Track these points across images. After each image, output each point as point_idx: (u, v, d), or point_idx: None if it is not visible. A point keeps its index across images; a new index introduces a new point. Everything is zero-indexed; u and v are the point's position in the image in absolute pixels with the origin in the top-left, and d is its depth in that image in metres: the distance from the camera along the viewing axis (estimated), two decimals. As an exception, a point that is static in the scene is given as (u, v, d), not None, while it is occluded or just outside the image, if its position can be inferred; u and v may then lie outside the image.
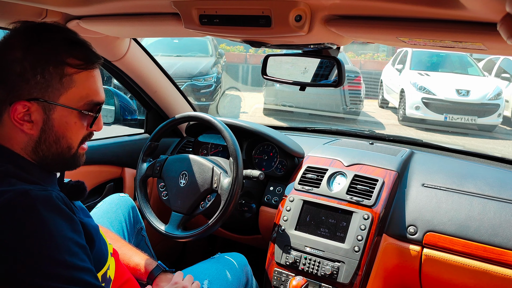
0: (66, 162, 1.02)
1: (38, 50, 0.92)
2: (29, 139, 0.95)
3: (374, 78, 10.97)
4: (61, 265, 0.85)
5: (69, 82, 0.95)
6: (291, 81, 1.53)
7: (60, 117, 0.96)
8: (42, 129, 0.95)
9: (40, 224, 0.84)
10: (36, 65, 0.92)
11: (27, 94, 0.92)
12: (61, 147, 0.98)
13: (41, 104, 0.93)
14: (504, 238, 1.46)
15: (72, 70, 0.95)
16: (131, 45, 1.92)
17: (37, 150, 0.96)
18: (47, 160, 0.98)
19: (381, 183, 1.68)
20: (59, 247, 0.85)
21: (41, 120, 0.94)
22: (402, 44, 1.14)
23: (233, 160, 1.60)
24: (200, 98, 8.10)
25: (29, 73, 0.91)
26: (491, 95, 8.10)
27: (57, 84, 0.93)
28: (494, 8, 0.75)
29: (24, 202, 0.85)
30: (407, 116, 8.36)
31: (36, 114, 0.93)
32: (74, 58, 0.95)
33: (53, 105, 0.94)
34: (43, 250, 0.84)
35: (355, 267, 1.54)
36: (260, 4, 1.04)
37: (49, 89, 0.93)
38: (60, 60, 0.94)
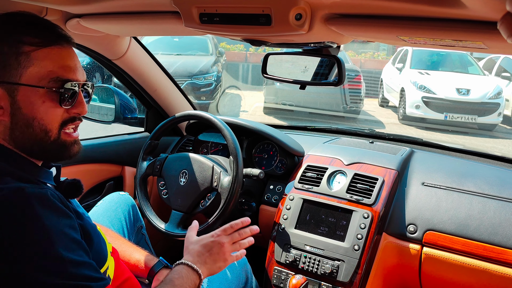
0: (49, 150, 0.98)
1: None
2: (4, 127, 0.94)
3: (374, 77, 10.97)
4: (59, 261, 0.84)
5: (28, 61, 0.92)
6: (291, 80, 1.53)
7: (25, 97, 0.93)
8: (12, 113, 0.93)
9: (35, 221, 0.84)
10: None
11: None
12: (34, 131, 0.94)
13: (4, 87, 0.91)
14: (504, 237, 1.46)
15: (29, 48, 0.92)
16: (131, 44, 1.92)
17: (12, 137, 0.94)
18: (27, 147, 0.96)
19: (381, 181, 1.68)
20: (55, 243, 0.85)
21: (8, 103, 0.92)
22: (403, 43, 1.14)
23: (233, 158, 1.60)
24: (200, 97, 8.10)
25: None
26: (491, 94, 8.10)
27: (14, 63, 0.91)
28: (494, 7, 0.75)
29: (19, 199, 0.84)
30: (407, 115, 8.36)
31: (2, 98, 0.92)
32: (31, 36, 0.93)
33: (15, 85, 0.92)
34: (39, 247, 0.83)
35: (355, 265, 1.54)
36: (260, 2, 1.04)
37: (7, 69, 0.91)
38: (15, 38, 0.92)
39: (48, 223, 0.85)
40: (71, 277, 0.84)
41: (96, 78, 7.79)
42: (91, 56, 1.93)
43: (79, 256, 0.88)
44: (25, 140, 0.95)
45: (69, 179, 1.08)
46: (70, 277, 0.84)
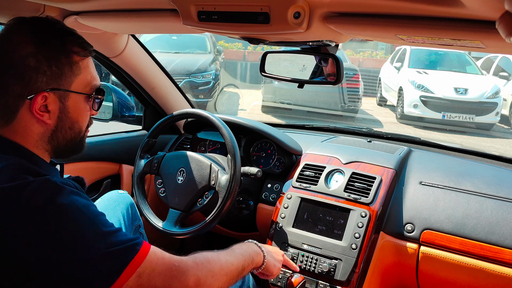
0: (75, 147, 1.08)
1: (49, 42, 0.97)
2: (45, 130, 0.99)
3: (372, 76, 10.97)
4: (100, 235, 0.89)
5: (77, 69, 1.01)
6: (290, 78, 1.53)
7: (74, 103, 1.02)
8: (59, 117, 1.00)
9: (70, 203, 0.88)
10: (50, 56, 0.96)
11: (45, 85, 0.96)
12: (74, 132, 1.04)
13: (57, 94, 0.98)
14: (500, 236, 1.46)
15: (78, 58, 1.01)
16: (129, 42, 1.91)
17: (52, 139, 1.01)
18: (61, 147, 1.03)
19: (379, 180, 1.68)
20: (92, 220, 0.90)
21: (58, 108, 0.99)
22: (401, 41, 1.14)
23: (231, 157, 1.60)
24: (198, 95, 8.09)
25: (44, 65, 0.95)
26: (489, 94, 8.12)
27: (68, 72, 0.99)
28: (492, 6, 0.75)
29: (51, 186, 0.89)
30: (405, 114, 8.37)
31: (53, 104, 0.98)
32: (77, 46, 1.01)
33: (68, 92, 1.00)
34: (80, 226, 0.88)
35: (352, 264, 1.55)
36: (258, 0, 1.04)
37: (63, 77, 0.98)
38: (68, 49, 0.99)
39: (81, 204, 0.90)
40: (116, 244, 0.90)
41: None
42: (89, 53, 1.92)
43: (112, 226, 0.93)
44: (63, 140, 1.03)
45: (73, 176, 1.11)
46: (115, 245, 0.89)
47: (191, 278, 0.98)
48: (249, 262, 1.25)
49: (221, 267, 1.09)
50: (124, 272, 0.88)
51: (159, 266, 0.94)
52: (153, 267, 0.93)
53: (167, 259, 0.98)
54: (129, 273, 0.89)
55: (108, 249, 0.88)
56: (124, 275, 0.88)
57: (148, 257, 0.93)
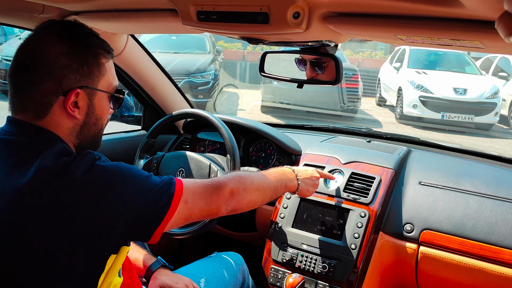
0: (96, 143, 1.16)
1: (79, 43, 1.04)
2: (75, 124, 1.06)
3: (371, 76, 10.97)
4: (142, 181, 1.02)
5: (103, 70, 1.07)
6: (289, 79, 1.53)
7: (99, 100, 1.08)
8: (87, 113, 1.07)
9: (109, 164, 1.01)
10: (81, 56, 1.03)
11: (77, 83, 1.02)
12: (98, 128, 1.12)
13: (86, 91, 1.04)
14: (500, 236, 1.47)
15: (104, 59, 1.08)
16: (128, 42, 1.91)
17: (80, 133, 1.08)
18: (85, 142, 1.10)
19: (378, 181, 1.68)
20: (130, 171, 1.02)
21: (86, 105, 1.06)
22: (400, 42, 1.14)
23: (230, 157, 1.60)
24: (197, 95, 8.09)
25: (76, 64, 1.01)
26: (488, 94, 8.12)
27: (97, 72, 1.06)
28: (492, 6, 0.75)
29: (91, 156, 0.99)
30: (405, 114, 8.37)
31: (82, 100, 1.04)
32: (104, 50, 1.08)
33: (95, 90, 1.06)
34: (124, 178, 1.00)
35: (351, 264, 1.55)
36: (258, 1, 1.04)
37: (92, 76, 1.05)
38: (96, 51, 1.06)
39: (116, 163, 1.04)
40: (157, 184, 1.03)
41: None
42: (88, 53, 1.92)
43: (146, 172, 1.05)
44: (89, 135, 1.10)
45: None
46: (156, 184, 1.03)
47: (226, 189, 1.14)
48: (282, 186, 1.37)
49: (252, 182, 1.24)
50: (173, 202, 1.02)
51: (197, 189, 1.10)
52: (193, 192, 1.08)
53: (200, 183, 1.13)
54: (176, 202, 1.03)
55: (153, 189, 1.01)
56: (173, 204, 1.02)
57: (185, 186, 1.07)
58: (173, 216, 1.03)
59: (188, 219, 1.08)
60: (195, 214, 1.10)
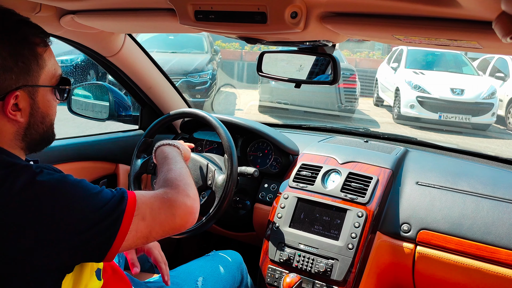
0: (48, 138, 1.05)
1: (9, 36, 0.91)
2: (18, 128, 0.96)
3: (369, 76, 11.00)
4: (87, 199, 0.90)
5: (42, 62, 0.96)
6: (287, 78, 1.53)
7: (43, 97, 0.98)
8: (30, 113, 0.96)
9: (51, 179, 0.88)
10: (13, 51, 0.91)
11: (14, 83, 0.91)
12: (45, 125, 1.01)
13: (26, 90, 0.93)
14: (496, 236, 1.47)
15: (41, 49, 0.95)
16: (126, 41, 1.90)
17: (26, 136, 0.97)
18: (34, 142, 1.00)
19: (376, 180, 1.68)
20: (75, 188, 0.91)
21: (28, 105, 0.95)
22: (398, 42, 1.14)
23: (228, 157, 1.60)
24: (195, 95, 8.08)
25: (10, 62, 0.90)
26: (485, 94, 8.15)
27: (35, 66, 0.94)
28: (489, 7, 0.76)
29: (30, 169, 0.89)
30: (402, 114, 8.39)
31: (23, 101, 0.94)
32: (37, 37, 0.95)
33: (36, 87, 0.95)
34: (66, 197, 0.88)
35: (348, 264, 1.55)
36: (255, 0, 1.04)
37: (30, 72, 0.94)
38: (30, 41, 0.94)
39: (60, 177, 0.91)
40: (105, 200, 0.92)
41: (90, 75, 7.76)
42: (85, 53, 1.92)
43: (95, 188, 0.94)
44: (36, 135, 0.99)
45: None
46: (105, 201, 0.92)
47: (184, 199, 1.03)
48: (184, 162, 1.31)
49: (186, 182, 1.12)
50: (124, 219, 0.91)
51: (153, 203, 0.98)
52: (150, 206, 0.97)
53: (154, 195, 1.01)
54: (129, 219, 0.92)
55: (102, 206, 0.90)
56: (125, 222, 0.91)
57: (140, 201, 0.96)
58: (127, 234, 0.92)
59: (148, 237, 0.96)
60: (156, 231, 0.98)
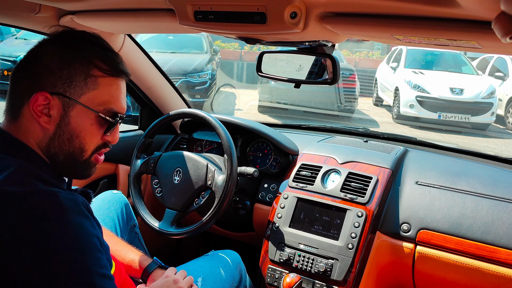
0: (76, 167, 1.00)
1: (69, 45, 0.95)
2: (44, 134, 0.95)
3: (368, 76, 11.00)
4: (86, 273, 0.84)
5: (93, 84, 0.96)
6: (286, 78, 1.53)
7: (78, 115, 0.95)
8: (58, 124, 0.95)
9: (68, 230, 0.84)
10: (64, 58, 0.93)
11: (51, 87, 0.92)
12: (73, 146, 0.97)
13: (61, 99, 0.93)
14: (496, 236, 1.47)
15: (98, 73, 0.96)
16: (125, 41, 1.90)
17: (49, 146, 0.95)
18: (59, 159, 0.97)
19: (375, 180, 1.68)
20: (85, 254, 0.85)
21: (59, 115, 0.94)
22: (397, 42, 1.14)
23: (228, 157, 1.60)
24: (194, 95, 8.08)
25: (56, 65, 0.92)
26: (485, 94, 8.15)
27: (81, 82, 0.94)
28: (488, 7, 0.76)
29: (54, 205, 0.84)
30: (401, 114, 8.39)
31: (55, 108, 0.93)
32: (102, 62, 0.97)
33: (73, 102, 0.94)
34: (70, 257, 0.83)
35: (348, 264, 1.55)
36: (255, 0, 1.04)
37: (72, 85, 0.94)
38: (88, 59, 0.95)
39: (80, 232, 0.86)
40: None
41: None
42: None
43: (103, 268, 0.88)
44: (60, 152, 0.96)
45: (80, 189, 1.07)
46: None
47: None
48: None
49: None
50: None
51: None
52: None
53: None
54: None
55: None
56: None
57: None
58: None
59: None
60: None
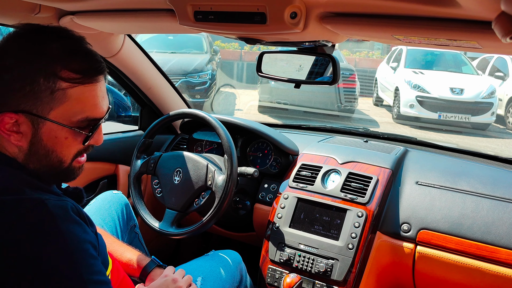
0: (59, 175, 0.97)
1: (31, 58, 0.85)
2: (19, 150, 0.91)
3: (368, 76, 11.00)
4: (78, 282, 0.83)
5: (61, 97, 0.87)
6: (286, 79, 1.53)
7: (50, 131, 0.89)
8: (31, 141, 0.90)
9: (57, 238, 0.82)
10: (26, 75, 0.85)
11: (14, 105, 0.86)
12: (51, 161, 0.93)
13: (29, 117, 0.87)
14: (496, 236, 1.47)
15: (66, 84, 0.87)
16: (125, 42, 1.90)
17: (27, 162, 0.91)
18: (40, 172, 0.93)
19: (375, 180, 1.68)
20: (76, 262, 0.83)
21: (30, 132, 0.89)
22: (397, 42, 1.14)
23: (228, 157, 1.60)
24: (194, 95, 8.08)
25: (17, 83, 0.85)
26: (485, 94, 8.15)
27: (47, 97, 0.86)
28: (489, 7, 0.76)
29: (41, 213, 0.83)
30: (402, 114, 8.39)
31: (24, 126, 0.88)
32: (70, 71, 0.87)
33: (42, 119, 0.87)
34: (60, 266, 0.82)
35: (349, 264, 1.55)
36: (255, 0, 1.04)
37: (38, 102, 0.86)
38: (53, 72, 0.86)
39: (69, 240, 0.84)
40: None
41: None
42: (85, 53, 1.92)
43: (97, 274, 0.87)
44: (39, 166, 0.92)
45: (71, 188, 1.06)
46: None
47: None
48: None
49: None
50: None
51: None
52: None
53: None
54: None
55: None
56: None
57: None
58: None
59: None
60: None
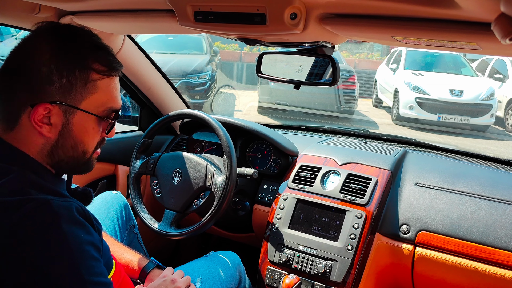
0: (80, 166, 1.01)
1: (66, 53, 0.92)
2: (46, 142, 0.94)
3: (368, 78, 11.00)
4: (80, 283, 0.83)
5: (92, 88, 0.94)
6: (286, 80, 1.53)
7: (80, 121, 0.95)
8: (61, 132, 0.94)
9: (60, 239, 0.83)
10: (63, 68, 0.91)
11: (50, 97, 0.91)
12: (77, 152, 0.98)
13: (62, 108, 0.92)
14: (495, 238, 1.47)
15: (97, 76, 0.95)
16: (125, 42, 1.90)
17: (53, 154, 0.95)
18: (62, 164, 0.97)
19: (375, 182, 1.68)
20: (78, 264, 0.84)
21: (61, 123, 0.93)
22: (397, 43, 1.15)
23: (227, 158, 1.60)
24: (194, 96, 8.08)
25: (55, 76, 0.90)
26: (484, 96, 8.16)
27: (80, 88, 0.93)
28: (488, 8, 0.76)
29: (46, 213, 0.84)
30: (401, 115, 8.40)
31: (56, 117, 0.92)
32: (100, 64, 0.95)
33: (74, 109, 0.93)
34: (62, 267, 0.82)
35: (348, 265, 1.55)
36: (255, 1, 1.04)
37: (73, 93, 0.92)
38: (87, 65, 0.93)
39: (72, 241, 0.84)
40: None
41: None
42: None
43: (98, 276, 0.88)
44: (64, 158, 0.96)
45: (80, 188, 1.07)
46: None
47: None
48: None
49: None
50: None
51: None
52: None
53: None
54: None
55: None
56: None
57: None
58: None
59: None
60: None
